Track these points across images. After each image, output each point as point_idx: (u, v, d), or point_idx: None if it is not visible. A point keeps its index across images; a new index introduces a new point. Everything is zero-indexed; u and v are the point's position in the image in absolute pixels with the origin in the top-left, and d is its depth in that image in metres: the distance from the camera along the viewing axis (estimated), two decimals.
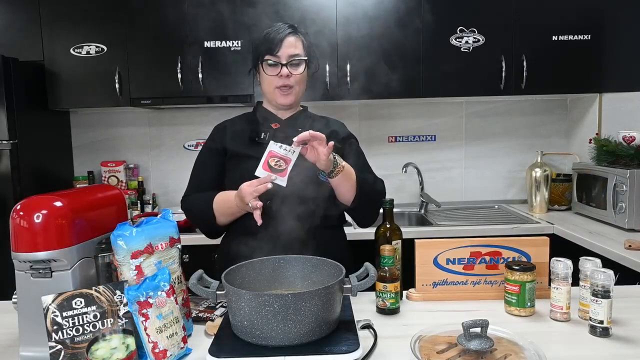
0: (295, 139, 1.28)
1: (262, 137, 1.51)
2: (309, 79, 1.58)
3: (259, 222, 1.32)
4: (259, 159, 1.43)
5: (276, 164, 1.32)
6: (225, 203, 1.46)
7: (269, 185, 1.29)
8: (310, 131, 1.27)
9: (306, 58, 1.51)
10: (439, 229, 2.53)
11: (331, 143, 1.30)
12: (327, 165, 1.33)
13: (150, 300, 1.01)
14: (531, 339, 1.07)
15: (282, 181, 1.32)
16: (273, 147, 1.33)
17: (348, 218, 1.62)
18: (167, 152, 3.13)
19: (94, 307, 1.01)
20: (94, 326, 1.00)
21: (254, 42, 1.57)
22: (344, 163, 1.39)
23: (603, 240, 2.15)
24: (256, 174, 1.32)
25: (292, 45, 1.48)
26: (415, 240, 1.37)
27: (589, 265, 1.22)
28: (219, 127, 1.63)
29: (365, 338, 1.11)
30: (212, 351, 1.02)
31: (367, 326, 1.17)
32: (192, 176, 1.62)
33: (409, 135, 3.13)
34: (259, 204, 1.31)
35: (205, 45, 2.67)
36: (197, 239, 2.45)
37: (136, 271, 1.06)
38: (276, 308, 1.00)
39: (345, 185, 1.42)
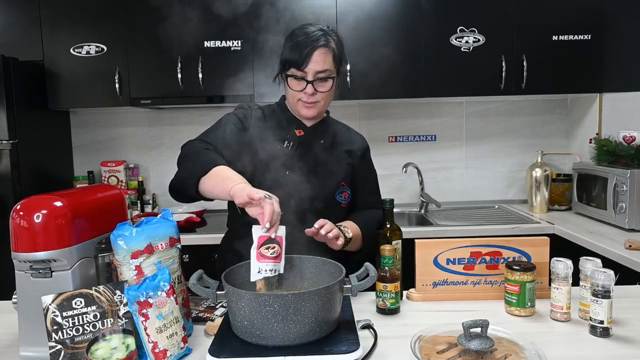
0: (306, 232, 1.27)
1: (285, 145, 1.45)
2: (337, 90, 1.49)
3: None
4: (280, 166, 1.39)
5: (268, 249, 1.16)
6: (222, 181, 1.23)
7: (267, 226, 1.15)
8: (318, 228, 1.26)
9: (333, 76, 1.41)
10: (439, 229, 2.53)
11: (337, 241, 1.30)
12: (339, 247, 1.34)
13: (150, 300, 1.01)
14: (531, 339, 1.07)
15: (281, 267, 1.18)
16: (258, 232, 1.16)
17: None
18: (167, 152, 3.13)
19: (94, 307, 1.01)
20: (94, 326, 1.00)
21: (281, 48, 1.45)
22: (351, 234, 1.38)
23: (603, 240, 2.15)
24: (252, 279, 1.16)
25: (320, 61, 1.37)
26: (415, 240, 1.37)
27: (589, 265, 1.22)
28: (252, 107, 1.52)
29: (365, 338, 1.11)
30: (212, 351, 1.02)
31: (367, 326, 1.17)
32: (209, 130, 1.48)
33: (409, 135, 3.13)
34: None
35: (205, 45, 2.67)
36: (197, 239, 2.45)
37: (136, 271, 1.06)
38: (276, 308, 1.00)
39: (352, 247, 1.43)
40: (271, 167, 1.40)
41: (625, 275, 1.86)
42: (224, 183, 1.22)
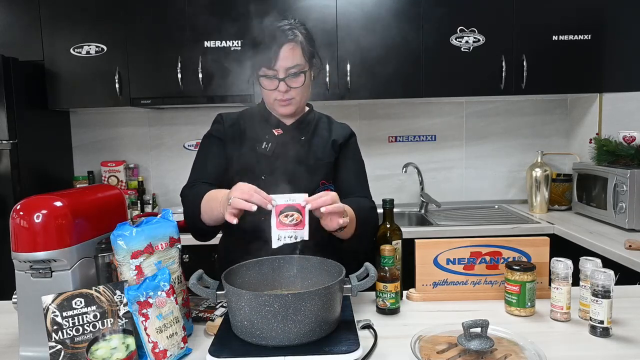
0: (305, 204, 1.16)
1: (263, 146, 1.43)
2: (313, 81, 1.48)
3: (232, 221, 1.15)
4: (257, 170, 1.38)
5: (287, 216, 1.15)
6: (210, 210, 1.29)
7: (254, 208, 1.12)
8: (321, 207, 1.15)
9: (305, 70, 1.39)
10: (439, 229, 2.53)
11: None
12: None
13: (150, 300, 1.01)
14: (531, 339, 1.07)
15: (304, 233, 1.16)
16: (276, 200, 1.15)
17: None
18: (167, 152, 3.13)
19: (94, 307, 1.01)
20: (94, 326, 1.00)
21: (251, 48, 1.43)
22: (347, 218, 1.24)
23: (603, 240, 2.15)
24: (274, 245, 1.16)
25: (289, 56, 1.34)
26: (415, 240, 1.37)
27: (589, 265, 1.22)
28: (225, 117, 1.52)
29: (365, 338, 1.11)
30: (212, 351, 1.02)
31: (367, 326, 1.17)
32: (196, 163, 1.49)
33: (409, 135, 3.13)
34: (235, 221, 1.15)
35: (205, 45, 2.67)
36: None
37: (136, 271, 1.06)
38: (276, 308, 1.00)
39: (347, 231, 1.31)
40: (249, 171, 1.40)
41: (625, 275, 1.86)
42: (213, 211, 1.27)
